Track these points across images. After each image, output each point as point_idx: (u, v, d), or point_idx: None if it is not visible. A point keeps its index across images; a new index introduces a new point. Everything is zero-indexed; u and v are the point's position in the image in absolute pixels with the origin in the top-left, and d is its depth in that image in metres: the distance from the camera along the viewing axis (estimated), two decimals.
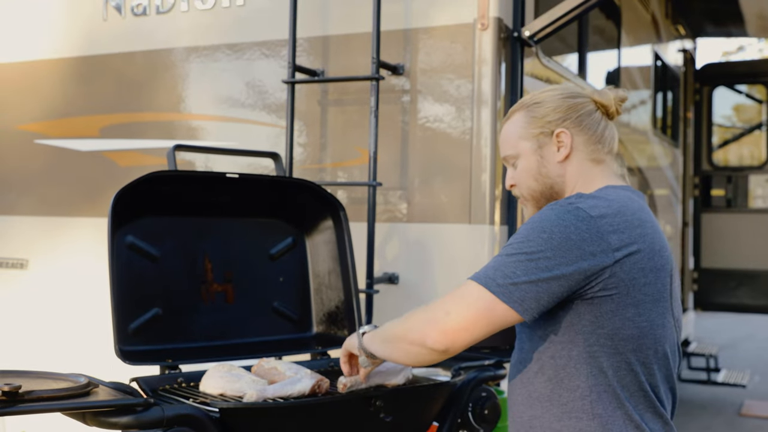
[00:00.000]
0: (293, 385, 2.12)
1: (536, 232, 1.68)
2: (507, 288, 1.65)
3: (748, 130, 8.66)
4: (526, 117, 1.90)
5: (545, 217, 1.70)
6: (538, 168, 1.89)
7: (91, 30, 3.91)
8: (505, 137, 1.94)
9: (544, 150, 1.88)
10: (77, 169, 3.92)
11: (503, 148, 1.95)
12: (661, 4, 6.31)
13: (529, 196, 1.90)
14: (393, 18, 3.29)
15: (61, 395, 1.79)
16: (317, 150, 3.48)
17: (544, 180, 1.89)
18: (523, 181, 1.90)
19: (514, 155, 1.91)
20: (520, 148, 1.90)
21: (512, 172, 1.93)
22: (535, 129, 1.88)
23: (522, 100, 1.95)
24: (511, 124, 1.93)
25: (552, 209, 1.73)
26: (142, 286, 2.53)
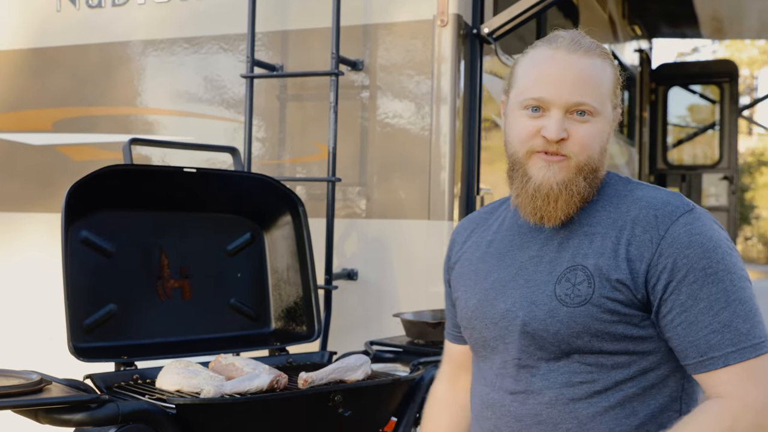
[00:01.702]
0: (251, 381, 2.11)
1: (730, 255, 1.48)
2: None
3: (701, 130, 8.80)
4: (614, 74, 1.57)
5: (717, 234, 1.49)
6: (607, 141, 1.56)
7: (44, 22, 3.84)
8: (593, 79, 1.52)
9: (613, 120, 1.58)
10: (30, 163, 3.85)
11: (584, 89, 1.51)
12: (617, 5, 6.38)
13: (583, 165, 1.53)
14: (352, 13, 3.27)
15: (12, 392, 1.75)
16: (275, 145, 3.46)
17: (603, 157, 1.57)
18: (590, 146, 1.52)
19: (595, 109, 1.51)
20: (606, 105, 1.54)
21: (577, 127, 1.51)
22: (616, 95, 1.58)
23: (596, 43, 1.56)
24: (600, 69, 1.53)
25: (707, 222, 1.50)
26: (97, 282, 2.49)
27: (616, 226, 1.51)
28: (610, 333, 1.47)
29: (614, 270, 1.47)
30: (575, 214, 1.56)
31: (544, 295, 1.52)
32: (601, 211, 1.55)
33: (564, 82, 1.51)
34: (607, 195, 1.58)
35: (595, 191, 1.57)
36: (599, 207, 1.56)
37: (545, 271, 1.55)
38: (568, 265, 1.52)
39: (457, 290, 1.71)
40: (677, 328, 1.45)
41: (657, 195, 1.53)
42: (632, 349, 1.48)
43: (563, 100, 1.50)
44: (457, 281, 1.72)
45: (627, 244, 1.48)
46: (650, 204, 1.51)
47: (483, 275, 1.65)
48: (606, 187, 1.59)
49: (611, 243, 1.50)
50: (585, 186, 1.53)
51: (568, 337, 1.48)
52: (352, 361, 2.30)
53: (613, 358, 1.48)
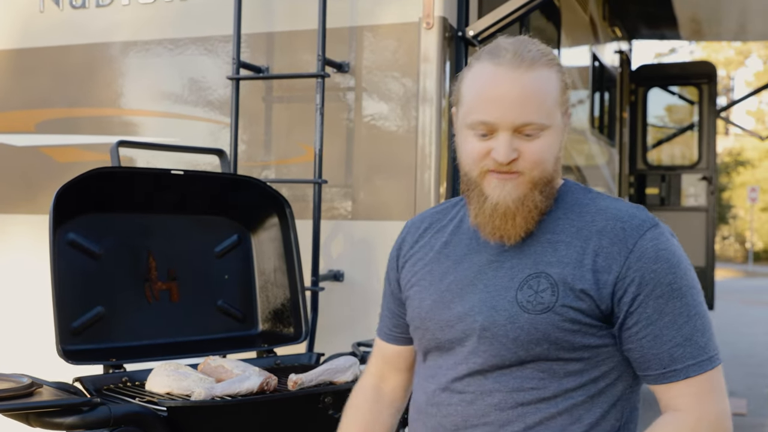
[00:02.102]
0: (241, 383, 2.11)
1: (690, 270, 1.52)
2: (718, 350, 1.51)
3: (680, 131, 8.89)
4: (561, 80, 1.54)
5: (679, 250, 1.52)
6: (560, 148, 1.55)
7: (27, 22, 3.82)
8: (538, 95, 1.49)
9: (564, 127, 1.56)
10: (13, 164, 3.83)
11: (529, 108, 1.48)
12: (598, 6, 6.43)
13: (538, 180, 1.51)
14: (338, 15, 3.28)
15: (3, 396, 1.75)
16: (261, 147, 3.46)
17: (557, 166, 1.56)
18: (543, 161, 1.51)
19: (543, 125, 1.49)
20: (555, 116, 1.51)
21: (527, 144, 1.49)
22: (565, 102, 1.55)
23: (541, 51, 1.52)
24: (545, 81, 1.50)
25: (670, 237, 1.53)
26: (85, 284, 2.49)
27: (581, 236, 1.51)
28: (569, 341, 1.47)
29: (579, 280, 1.47)
30: (535, 226, 1.54)
31: (505, 301, 1.51)
32: (564, 219, 1.55)
33: (508, 103, 1.47)
34: (567, 203, 1.57)
35: (552, 201, 1.56)
36: (560, 215, 1.55)
37: (506, 276, 1.53)
38: (531, 271, 1.51)
39: (409, 290, 1.68)
40: (642, 340, 1.47)
41: (622, 207, 1.53)
42: (587, 357, 1.49)
43: (509, 122, 1.47)
44: (408, 281, 1.68)
45: (594, 255, 1.48)
46: (617, 216, 1.51)
47: (438, 276, 1.62)
48: (565, 195, 1.58)
49: (576, 252, 1.50)
50: (541, 199, 1.52)
51: (527, 343, 1.48)
52: (341, 363, 2.32)
53: (567, 366, 1.49)
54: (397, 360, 1.77)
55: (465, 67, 1.56)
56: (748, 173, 27.17)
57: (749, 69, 34.36)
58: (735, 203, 27.40)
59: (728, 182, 26.44)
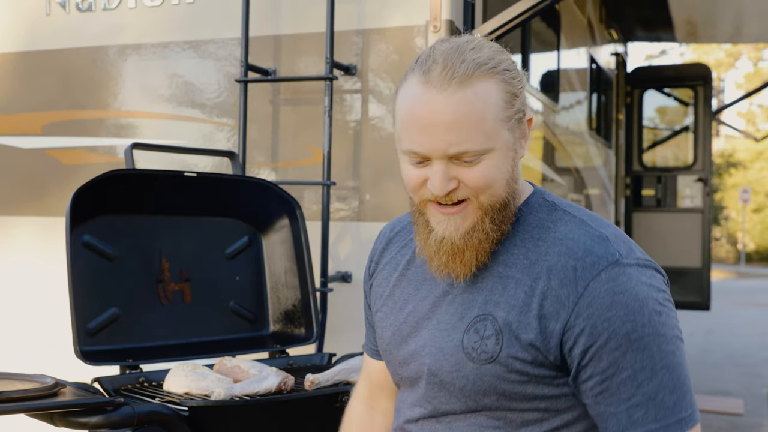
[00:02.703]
0: (260, 383, 2.14)
1: (659, 313, 1.29)
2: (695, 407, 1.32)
3: (676, 132, 8.95)
4: (505, 91, 1.32)
5: (644, 291, 1.29)
6: (513, 168, 1.35)
7: (34, 25, 3.83)
8: (472, 119, 1.28)
9: (518, 139, 1.36)
10: (19, 167, 3.83)
11: (462, 134, 1.28)
12: (595, 9, 6.48)
13: (487, 206, 1.34)
14: (345, 18, 3.31)
15: (30, 396, 1.77)
16: (269, 149, 3.48)
17: (514, 186, 1.37)
18: (489, 185, 1.32)
19: (483, 150, 1.30)
20: (498, 135, 1.31)
21: (467, 171, 1.31)
22: (513, 110, 1.33)
23: (478, 59, 1.30)
24: (481, 98, 1.29)
25: (634, 275, 1.30)
26: (99, 285, 2.51)
27: (532, 273, 1.33)
28: (520, 393, 1.33)
29: (524, 328, 1.30)
30: (488, 258, 1.37)
31: (452, 345, 1.36)
32: (520, 246, 1.37)
33: (437, 131, 1.28)
34: (527, 225, 1.38)
35: (510, 226, 1.37)
36: (518, 241, 1.37)
37: (456, 313, 1.38)
38: (479, 312, 1.35)
39: (375, 312, 1.55)
40: (597, 397, 1.29)
41: (580, 239, 1.33)
42: (544, 407, 1.34)
43: (440, 152, 1.29)
44: (374, 301, 1.56)
45: (541, 298, 1.30)
46: (570, 251, 1.32)
47: (399, 304, 1.49)
48: (527, 215, 1.39)
49: (524, 294, 1.32)
50: (493, 228, 1.34)
51: (475, 394, 1.34)
52: (356, 363, 2.34)
53: (524, 416, 1.34)
54: (383, 379, 1.61)
55: (403, 78, 1.37)
56: (739, 175, 27.31)
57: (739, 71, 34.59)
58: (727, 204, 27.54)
59: (720, 184, 26.57)
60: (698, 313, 8.42)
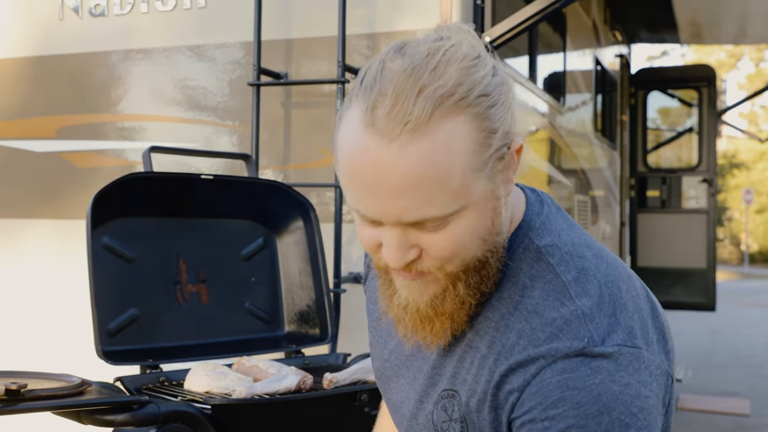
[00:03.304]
0: (280, 382, 2.17)
1: (627, 426, 0.98)
2: None
3: (680, 133, 8.98)
4: (478, 127, 0.99)
5: (617, 393, 0.99)
6: (493, 218, 1.05)
7: (47, 30, 3.87)
8: (431, 179, 0.97)
9: (500, 183, 1.04)
10: (34, 170, 3.88)
11: (419, 200, 0.97)
12: (600, 11, 6.51)
13: (457, 273, 1.05)
14: (356, 22, 3.35)
15: (59, 394, 1.80)
16: (280, 152, 3.52)
17: (495, 238, 1.06)
18: (458, 252, 1.03)
19: (448, 214, 1.00)
20: (468, 192, 1.00)
21: (430, 238, 1.02)
22: (490, 151, 1.00)
23: (441, 87, 0.96)
24: (443, 148, 0.96)
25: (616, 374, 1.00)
26: (119, 287, 2.54)
27: (494, 350, 1.08)
28: None
29: (484, 419, 1.08)
30: (466, 324, 1.11)
31: (424, 414, 1.17)
32: (494, 309, 1.10)
33: (387, 195, 0.98)
34: (508, 276, 1.11)
35: (493, 283, 1.09)
36: (494, 299, 1.10)
37: (428, 376, 1.17)
38: (448, 386, 1.13)
39: (368, 326, 1.36)
40: None
41: (548, 315, 1.04)
42: None
43: (392, 219, 1.00)
44: (368, 314, 1.36)
45: (496, 385, 1.06)
46: (533, 331, 1.04)
47: (384, 336, 1.29)
48: (510, 258, 1.11)
49: (485, 377, 1.08)
50: (470, 293, 1.07)
51: None
52: None
53: None
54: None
55: (340, 111, 1.07)
56: (742, 175, 27.35)
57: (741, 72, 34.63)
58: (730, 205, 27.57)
59: (723, 184, 26.60)
60: (703, 314, 8.46)
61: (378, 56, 1.04)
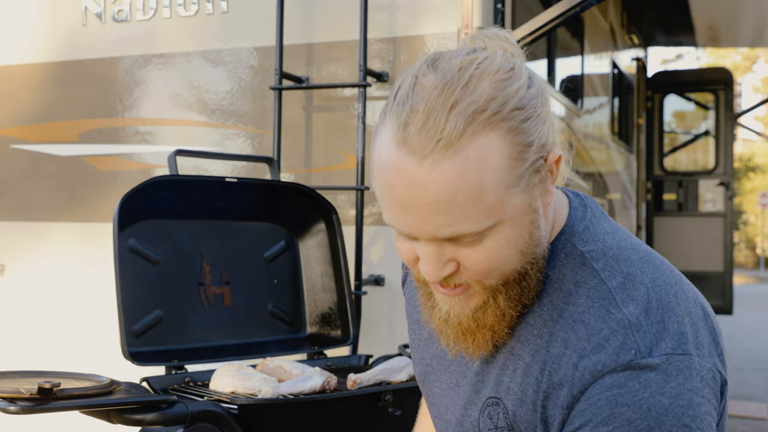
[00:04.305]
0: (305, 383, 2.19)
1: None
2: None
3: (696, 136, 8.96)
4: (512, 141, 0.98)
5: (665, 405, 0.97)
6: (531, 231, 1.04)
7: (71, 35, 3.92)
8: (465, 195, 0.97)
9: (537, 196, 1.04)
10: (56, 174, 3.92)
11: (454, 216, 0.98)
12: (617, 14, 6.52)
13: (497, 286, 1.06)
14: (377, 26, 3.37)
15: (90, 393, 1.83)
16: (302, 155, 3.55)
17: (534, 250, 1.06)
18: (496, 267, 1.04)
19: (487, 227, 1.00)
20: (503, 207, 1.00)
21: (467, 252, 1.02)
22: (526, 165, 1.00)
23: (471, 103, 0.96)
24: (476, 164, 0.96)
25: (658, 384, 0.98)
26: (144, 288, 2.57)
27: (539, 360, 1.07)
28: None
29: (532, 430, 1.08)
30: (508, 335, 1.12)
31: (470, 422, 1.16)
32: (537, 316, 1.09)
33: (420, 212, 0.98)
34: (550, 282, 1.10)
35: (534, 294, 1.09)
36: (536, 306, 1.10)
37: (472, 384, 1.17)
38: (491, 393, 1.13)
39: (408, 330, 1.36)
40: None
41: (594, 325, 1.03)
42: None
43: (428, 235, 1.00)
44: (407, 316, 1.36)
45: (543, 397, 1.06)
46: (579, 341, 1.03)
47: (425, 338, 1.29)
48: (553, 268, 1.10)
49: (532, 387, 1.07)
50: (511, 305, 1.07)
51: None
52: (395, 363, 2.40)
53: None
54: None
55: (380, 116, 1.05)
56: (758, 179, 27.21)
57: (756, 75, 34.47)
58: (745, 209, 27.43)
59: (738, 188, 26.48)
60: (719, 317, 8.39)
61: (411, 69, 1.04)
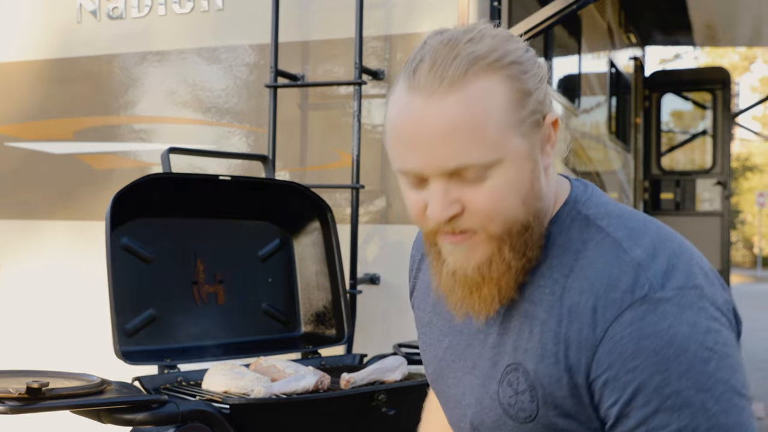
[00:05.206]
0: (298, 382, 2.18)
1: (706, 362, 1.02)
2: None
3: (694, 136, 8.96)
4: (512, 88, 1.07)
5: (685, 332, 1.03)
6: (533, 183, 1.10)
7: (65, 32, 3.90)
8: (469, 125, 1.05)
9: (536, 147, 1.11)
10: (51, 172, 3.90)
11: (458, 146, 1.05)
12: (615, 13, 6.50)
13: (501, 234, 1.10)
14: (373, 24, 3.36)
15: (80, 393, 1.82)
16: (297, 153, 3.53)
17: (536, 204, 1.12)
18: (500, 209, 1.08)
19: (487, 162, 1.06)
20: (505, 145, 1.06)
21: (472, 191, 1.08)
22: (525, 111, 1.08)
23: (477, 52, 1.06)
24: (479, 100, 1.05)
25: (672, 312, 1.03)
26: (137, 287, 2.56)
27: (556, 313, 1.11)
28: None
29: (557, 384, 1.10)
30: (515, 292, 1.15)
31: (489, 397, 1.18)
32: (547, 277, 1.14)
33: (428, 144, 1.05)
34: (558, 247, 1.15)
35: (539, 251, 1.14)
36: (545, 270, 1.14)
37: (489, 358, 1.20)
38: (510, 360, 1.16)
39: (418, 334, 1.39)
40: None
41: (604, 270, 1.08)
42: None
43: (435, 168, 1.06)
44: (417, 321, 1.39)
45: (565, 347, 1.09)
46: (592, 286, 1.08)
47: (437, 335, 1.32)
48: (558, 234, 1.15)
49: (551, 340, 1.11)
50: (516, 256, 1.11)
51: None
52: (390, 363, 2.38)
53: None
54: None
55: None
56: (755, 178, 27.23)
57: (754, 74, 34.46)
58: (743, 208, 27.45)
59: (736, 187, 26.50)
60: None
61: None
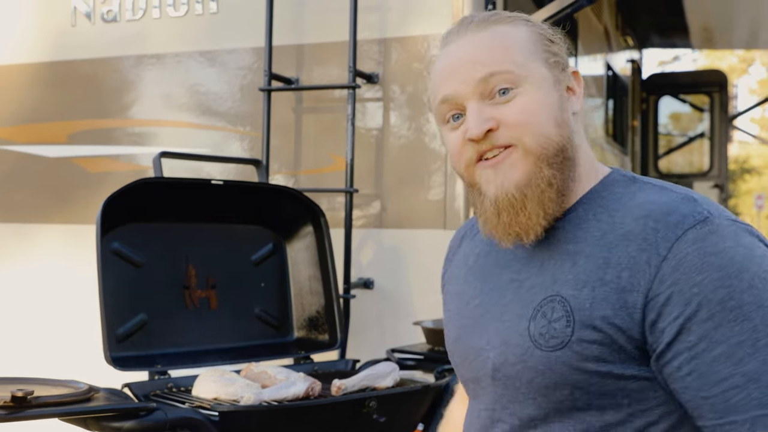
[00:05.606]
0: (288, 389, 2.16)
1: (765, 281, 1.09)
2: None
3: (691, 138, 8.94)
4: (534, 32, 1.25)
5: (744, 253, 1.10)
6: (560, 109, 1.22)
7: (60, 36, 3.88)
8: (500, 46, 1.22)
9: (561, 87, 1.24)
10: (45, 175, 3.88)
11: (488, 58, 1.22)
12: (611, 16, 6.49)
13: (537, 147, 1.20)
14: (367, 27, 3.34)
15: (66, 401, 1.80)
16: (291, 157, 3.52)
17: (565, 132, 1.22)
18: (532, 120, 1.20)
19: (514, 75, 1.21)
20: (532, 66, 1.22)
21: (504, 108, 1.21)
22: (548, 53, 1.24)
23: (510, 14, 1.28)
24: (503, 34, 1.23)
25: (730, 234, 1.11)
26: (128, 292, 2.54)
27: (605, 243, 1.17)
28: (597, 385, 1.14)
29: (600, 304, 1.13)
30: (561, 224, 1.23)
31: (517, 334, 1.21)
32: (592, 221, 1.21)
33: (462, 68, 1.22)
34: (603, 199, 1.23)
35: (575, 182, 1.24)
36: (590, 216, 1.22)
37: (523, 300, 1.23)
38: (547, 294, 1.20)
39: (444, 306, 1.44)
40: (686, 379, 1.09)
41: (662, 200, 1.16)
42: (626, 404, 1.15)
43: (467, 84, 1.21)
44: (444, 302, 1.45)
45: (618, 269, 1.14)
46: (650, 213, 1.15)
47: (466, 299, 1.36)
48: (602, 191, 1.24)
49: (597, 267, 1.16)
50: (554, 174, 1.20)
51: (544, 388, 1.17)
52: (381, 369, 2.37)
53: (604, 417, 1.15)
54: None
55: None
56: (753, 180, 27.21)
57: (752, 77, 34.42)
58: (741, 211, 27.42)
59: (734, 190, 26.48)
60: None
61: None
